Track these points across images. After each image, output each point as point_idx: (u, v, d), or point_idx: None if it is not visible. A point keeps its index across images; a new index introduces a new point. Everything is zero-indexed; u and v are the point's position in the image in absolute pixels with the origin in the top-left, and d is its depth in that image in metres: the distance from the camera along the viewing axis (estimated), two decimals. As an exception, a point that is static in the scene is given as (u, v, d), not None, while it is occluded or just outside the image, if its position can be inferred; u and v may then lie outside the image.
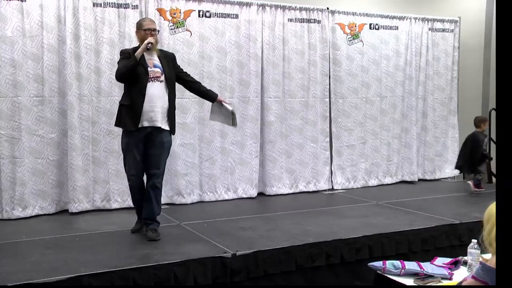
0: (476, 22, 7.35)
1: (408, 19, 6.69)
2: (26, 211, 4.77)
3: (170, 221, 4.62)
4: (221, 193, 5.65)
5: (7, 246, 3.79)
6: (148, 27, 4.01)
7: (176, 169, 5.39)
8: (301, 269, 3.72)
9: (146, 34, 3.97)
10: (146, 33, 3.97)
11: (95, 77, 5.03)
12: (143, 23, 4.07)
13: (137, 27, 4.11)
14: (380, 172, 6.61)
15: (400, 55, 6.66)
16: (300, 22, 6.04)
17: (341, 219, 4.65)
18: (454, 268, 2.94)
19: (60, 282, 3.00)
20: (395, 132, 6.69)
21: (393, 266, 2.92)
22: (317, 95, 6.15)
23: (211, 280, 3.40)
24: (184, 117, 5.41)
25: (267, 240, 3.88)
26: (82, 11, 4.95)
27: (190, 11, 5.45)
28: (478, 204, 5.23)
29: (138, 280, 3.19)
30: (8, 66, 4.68)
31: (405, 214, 4.84)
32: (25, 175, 4.78)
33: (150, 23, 4.07)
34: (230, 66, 5.65)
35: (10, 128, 4.72)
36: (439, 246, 4.29)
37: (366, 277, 3.68)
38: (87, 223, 4.59)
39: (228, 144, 5.68)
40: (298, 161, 6.07)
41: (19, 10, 4.71)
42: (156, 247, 3.70)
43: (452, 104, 7.07)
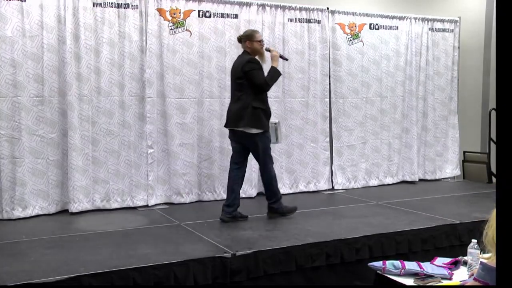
0: (476, 22, 7.34)
1: (408, 19, 6.69)
2: (26, 211, 4.77)
3: (170, 221, 4.62)
4: (220, 192, 5.65)
5: (7, 246, 3.79)
6: (261, 39, 4.55)
7: (175, 168, 5.39)
8: (301, 269, 3.71)
9: (259, 44, 4.50)
10: (260, 44, 4.50)
11: (95, 77, 5.04)
12: (255, 35, 4.54)
13: (249, 38, 4.51)
14: (381, 172, 6.61)
15: (400, 55, 6.66)
16: (300, 22, 6.04)
17: (341, 219, 4.65)
18: (454, 268, 2.94)
19: (60, 282, 3.00)
20: (396, 132, 6.69)
21: (393, 266, 2.91)
22: (317, 95, 6.15)
23: (211, 280, 3.40)
24: (183, 117, 5.41)
25: (267, 240, 3.88)
26: (82, 11, 4.95)
27: (190, 11, 5.45)
28: (478, 204, 5.24)
29: (138, 280, 3.19)
30: (8, 66, 4.68)
31: (405, 214, 4.84)
32: (25, 175, 4.78)
33: (260, 35, 4.61)
34: (230, 66, 5.60)
35: (10, 128, 4.72)
36: (439, 246, 4.29)
37: (366, 277, 3.68)
38: (87, 223, 4.59)
39: (227, 144, 5.65)
40: (298, 161, 6.07)
41: (19, 10, 4.71)
42: (156, 247, 3.70)
43: (452, 104, 7.07)
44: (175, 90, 5.38)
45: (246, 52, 4.53)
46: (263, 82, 4.37)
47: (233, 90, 4.58)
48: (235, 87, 4.51)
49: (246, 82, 4.38)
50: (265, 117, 4.43)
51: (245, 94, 4.39)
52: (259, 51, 4.51)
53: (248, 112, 4.34)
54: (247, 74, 4.36)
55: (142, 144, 5.27)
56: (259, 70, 4.40)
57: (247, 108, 4.35)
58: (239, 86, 4.44)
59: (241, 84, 4.42)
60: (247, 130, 4.39)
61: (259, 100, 4.41)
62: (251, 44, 4.49)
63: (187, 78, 5.43)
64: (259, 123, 4.39)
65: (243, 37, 4.58)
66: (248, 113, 4.34)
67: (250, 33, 4.56)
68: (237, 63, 4.52)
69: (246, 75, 4.36)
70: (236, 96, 4.48)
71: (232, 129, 4.56)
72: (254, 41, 4.48)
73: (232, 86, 4.59)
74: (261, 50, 4.52)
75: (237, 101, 4.45)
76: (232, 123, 4.51)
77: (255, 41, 4.48)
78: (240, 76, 4.40)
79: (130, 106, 5.20)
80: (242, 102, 4.39)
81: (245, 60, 4.41)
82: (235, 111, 4.45)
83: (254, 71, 4.35)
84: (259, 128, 4.39)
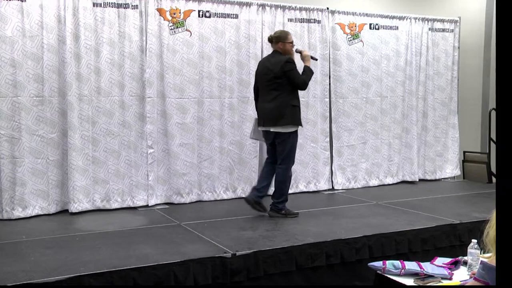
0: (476, 22, 7.35)
1: (408, 19, 6.69)
2: (26, 211, 4.77)
3: (170, 221, 4.62)
4: (220, 192, 5.65)
5: (7, 246, 3.79)
6: (292, 40, 4.69)
7: (175, 168, 5.39)
8: (301, 269, 3.72)
9: (291, 46, 4.66)
10: (291, 46, 4.66)
11: (95, 77, 5.04)
12: (288, 37, 4.67)
13: (281, 39, 4.63)
14: (381, 172, 6.61)
15: (400, 55, 6.66)
16: (300, 22, 6.04)
17: (341, 219, 4.65)
18: (454, 268, 2.94)
19: (60, 282, 3.00)
20: (396, 132, 6.69)
21: (393, 266, 2.92)
22: (317, 95, 6.15)
23: (211, 280, 3.40)
24: (183, 117, 5.41)
25: (267, 240, 3.88)
26: (82, 11, 4.95)
27: (190, 11, 5.45)
28: (478, 204, 5.24)
29: (138, 280, 3.19)
30: (8, 66, 4.68)
31: (405, 214, 4.84)
32: (25, 175, 4.78)
33: (292, 36, 4.73)
34: (229, 66, 5.65)
35: (10, 128, 4.72)
36: (439, 246, 4.29)
37: (366, 277, 3.68)
38: (87, 223, 4.59)
39: (227, 144, 5.68)
40: (298, 161, 6.04)
41: (19, 10, 4.71)
42: (156, 247, 3.70)
43: (452, 104, 7.07)
44: (175, 90, 5.38)
45: (278, 53, 4.63)
46: (302, 81, 4.55)
47: (266, 90, 4.62)
48: (271, 87, 4.56)
49: (285, 81, 4.50)
50: (300, 114, 4.67)
51: (284, 93, 4.52)
52: (290, 52, 4.64)
53: (288, 110, 4.51)
54: (287, 73, 4.49)
55: (142, 144, 5.27)
56: (296, 69, 4.56)
57: (287, 106, 4.51)
58: (276, 85, 4.53)
59: (279, 84, 4.52)
60: (284, 129, 4.55)
61: (297, 98, 4.63)
62: (283, 45, 4.62)
63: (187, 78, 5.43)
64: (297, 120, 4.60)
65: (274, 38, 4.68)
66: (288, 111, 4.51)
67: (283, 35, 4.67)
68: (272, 63, 4.59)
69: (286, 75, 4.49)
70: (271, 95, 4.56)
71: (266, 130, 4.67)
72: (286, 42, 4.62)
73: (265, 85, 4.63)
74: (292, 51, 4.67)
75: (273, 100, 4.55)
76: (270, 122, 4.60)
77: (287, 43, 4.63)
78: (279, 76, 4.51)
79: (130, 106, 5.20)
80: (280, 101, 4.52)
81: (283, 60, 4.52)
82: (273, 109, 4.54)
83: (293, 71, 4.51)
84: (296, 125, 4.60)
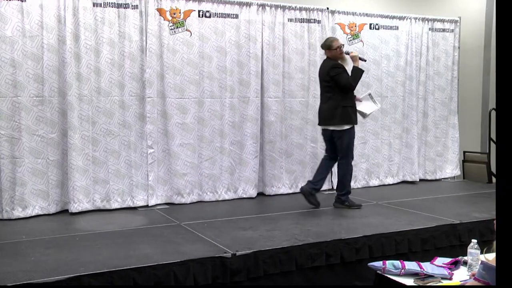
0: (476, 22, 7.34)
1: (408, 19, 6.69)
2: (26, 211, 4.77)
3: (170, 221, 4.62)
4: (221, 193, 5.65)
5: (7, 246, 3.79)
6: (338, 46, 5.07)
7: (175, 169, 5.39)
8: (301, 269, 3.71)
9: (338, 51, 5.05)
10: (339, 51, 5.05)
11: (95, 77, 5.04)
12: (332, 44, 5.06)
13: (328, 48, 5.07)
14: (381, 172, 6.61)
15: (401, 55, 6.66)
16: (300, 22, 6.04)
17: (341, 219, 4.65)
18: (454, 268, 2.94)
19: (60, 282, 3.00)
20: (396, 132, 6.69)
21: (393, 266, 2.92)
22: (317, 95, 6.09)
23: (211, 280, 3.40)
24: (183, 117, 5.41)
25: (267, 240, 3.88)
26: (82, 11, 4.95)
27: (190, 11, 5.45)
28: (478, 204, 5.24)
29: (138, 280, 3.19)
30: (8, 66, 4.68)
31: (405, 214, 4.84)
32: (25, 175, 4.78)
33: (338, 42, 5.13)
34: (230, 66, 5.65)
35: (10, 128, 4.72)
36: (439, 246, 4.29)
37: (366, 277, 3.68)
38: (87, 223, 4.59)
39: (228, 144, 5.68)
40: (298, 161, 6.07)
41: (19, 10, 4.71)
42: (156, 247, 3.70)
43: (452, 104, 7.07)
44: (175, 90, 5.38)
45: (328, 58, 5.12)
46: (348, 83, 4.96)
47: (323, 92, 5.16)
48: (325, 89, 5.09)
49: (334, 84, 4.96)
50: (353, 113, 5.05)
51: (335, 94, 4.99)
52: (338, 57, 5.06)
53: (338, 111, 4.96)
54: (333, 78, 4.95)
55: (142, 144, 5.27)
56: (343, 72, 4.99)
57: (338, 108, 4.96)
58: (328, 88, 5.03)
59: (330, 87, 5.01)
60: (339, 127, 5.00)
61: (348, 98, 5.03)
62: (330, 52, 5.08)
63: (187, 78, 5.43)
64: (350, 119, 5.01)
65: (323, 46, 5.19)
66: (338, 112, 4.96)
67: (328, 43, 5.12)
68: (323, 68, 5.12)
69: (332, 79, 4.95)
70: (326, 97, 5.08)
71: (324, 128, 5.17)
72: (332, 49, 5.05)
73: (321, 88, 5.20)
74: (340, 56, 5.07)
75: (327, 101, 5.06)
76: (324, 121, 5.13)
77: (333, 50, 5.05)
78: (328, 80, 5.00)
79: (130, 106, 5.20)
80: (332, 102, 5.00)
81: (329, 65, 5.00)
82: (326, 110, 5.07)
83: (338, 75, 4.95)
84: (349, 124, 5.01)
